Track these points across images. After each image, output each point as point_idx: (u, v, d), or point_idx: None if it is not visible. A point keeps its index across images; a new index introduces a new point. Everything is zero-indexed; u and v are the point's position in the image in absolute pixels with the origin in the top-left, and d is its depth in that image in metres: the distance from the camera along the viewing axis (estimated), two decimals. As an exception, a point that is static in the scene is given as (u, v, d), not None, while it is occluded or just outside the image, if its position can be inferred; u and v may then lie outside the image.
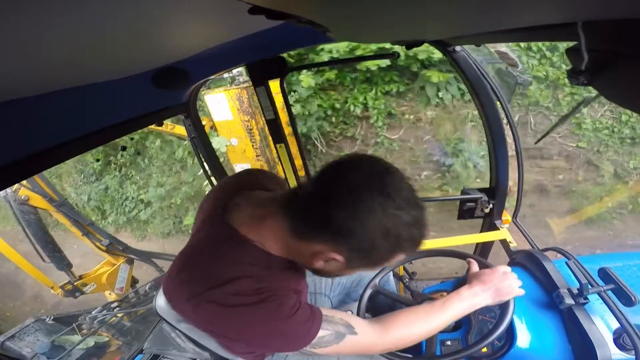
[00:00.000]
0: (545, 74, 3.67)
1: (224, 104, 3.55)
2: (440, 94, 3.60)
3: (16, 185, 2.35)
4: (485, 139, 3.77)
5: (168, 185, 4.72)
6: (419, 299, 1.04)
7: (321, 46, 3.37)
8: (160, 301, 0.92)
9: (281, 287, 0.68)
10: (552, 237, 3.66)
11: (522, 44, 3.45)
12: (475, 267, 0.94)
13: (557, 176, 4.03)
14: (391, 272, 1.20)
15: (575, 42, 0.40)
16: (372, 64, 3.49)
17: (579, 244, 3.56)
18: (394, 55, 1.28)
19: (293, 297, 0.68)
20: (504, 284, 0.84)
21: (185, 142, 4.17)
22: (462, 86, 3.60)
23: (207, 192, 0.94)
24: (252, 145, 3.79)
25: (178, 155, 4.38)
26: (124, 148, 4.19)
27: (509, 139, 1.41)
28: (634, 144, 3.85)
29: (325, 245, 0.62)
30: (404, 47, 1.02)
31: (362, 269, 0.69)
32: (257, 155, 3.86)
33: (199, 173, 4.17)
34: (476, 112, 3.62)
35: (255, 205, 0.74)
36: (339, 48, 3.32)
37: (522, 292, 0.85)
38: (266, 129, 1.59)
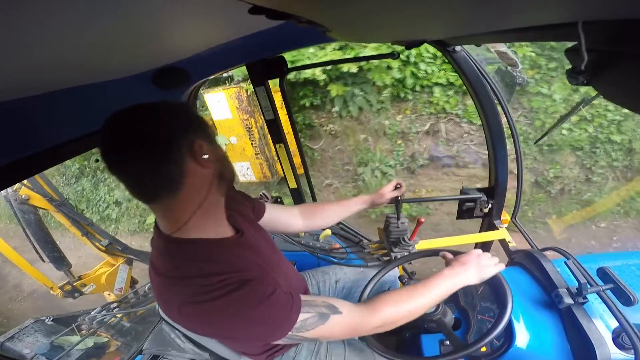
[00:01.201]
0: (447, 80, 3.70)
1: (223, 102, 3.56)
2: (336, 108, 3.80)
3: (17, 185, 2.34)
4: (395, 150, 3.89)
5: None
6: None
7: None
8: None
9: (242, 268, 0.70)
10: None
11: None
12: (450, 256, 0.96)
13: (475, 185, 3.91)
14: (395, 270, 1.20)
15: (575, 42, 0.40)
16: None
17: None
18: (394, 56, 1.28)
19: (264, 281, 0.69)
20: (482, 262, 0.87)
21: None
22: (370, 97, 3.74)
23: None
24: (251, 144, 3.79)
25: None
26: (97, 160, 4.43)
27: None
28: (552, 151, 3.78)
29: (180, 152, 0.64)
30: (404, 47, 1.02)
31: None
32: (256, 154, 3.86)
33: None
34: (388, 122, 3.84)
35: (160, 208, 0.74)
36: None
37: (501, 267, 0.89)
38: (265, 127, 1.60)
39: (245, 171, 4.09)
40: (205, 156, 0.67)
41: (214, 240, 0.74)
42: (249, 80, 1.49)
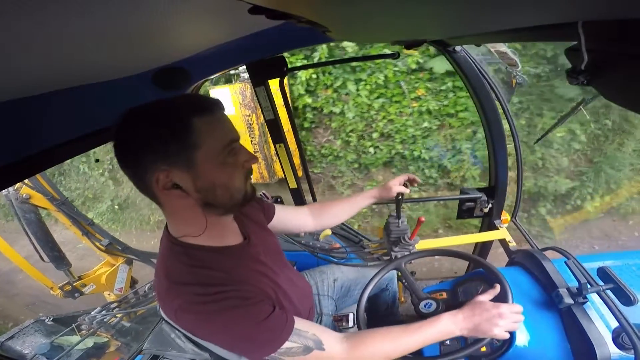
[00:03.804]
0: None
1: (227, 98, 3.56)
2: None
3: (18, 184, 2.34)
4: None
5: (79, 189, 6.00)
6: (421, 296, 1.05)
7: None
8: None
9: (243, 280, 0.71)
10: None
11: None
12: (489, 295, 0.88)
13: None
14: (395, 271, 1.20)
15: (575, 42, 0.40)
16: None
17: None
18: (394, 56, 1.28)
19: (263, 300, 0.70)
20: (489, 323, 0.80)
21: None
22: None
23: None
24: (251, 141, 3.79)
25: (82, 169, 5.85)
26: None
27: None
28: (366, 167, 3.88)
29: (146, 178, 0.63)
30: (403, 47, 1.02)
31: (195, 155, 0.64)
32: (254, 152, 3.86)
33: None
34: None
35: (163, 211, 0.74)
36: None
37: (504, 335, 0.81)
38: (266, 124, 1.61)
39: (242, 172, 4.10)
40: (175, 188, 0.63)
41: (219, 248, 0.74)
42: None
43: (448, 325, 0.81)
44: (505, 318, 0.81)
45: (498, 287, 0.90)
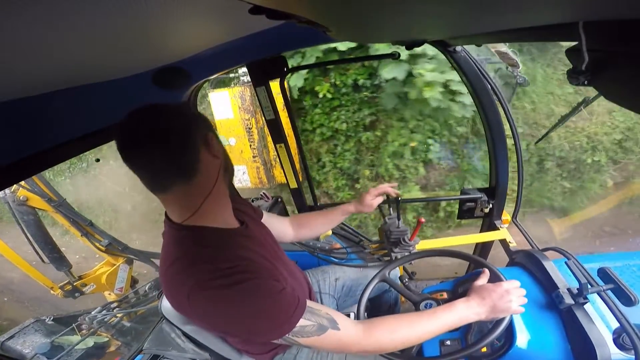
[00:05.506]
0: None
1: (226, 102, 3.56)
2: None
3: (15, 186, 2.34)
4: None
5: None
6: (419, 298, 1.05)
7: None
8: (166, 303, 0.93)
9: (250, 258, 0.72)
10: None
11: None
12: (483, 279, 0.92)
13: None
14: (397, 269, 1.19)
15: (575, 42, 0.40)
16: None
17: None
18: (394, 56, 1.28)
19: (273, 276, 0.71)
20: (502, 301, 0.82)
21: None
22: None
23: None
24: (250, 145, 3.78)
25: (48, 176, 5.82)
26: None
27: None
28: None
29: (195, 142, 0.70)
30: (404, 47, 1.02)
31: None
32: (253, 156, 3.85)
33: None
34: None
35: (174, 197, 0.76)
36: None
37: (521, 310, 0.84)
38: (265, 128, 1.60)
39: (241, 176, 4.05)
40: (215, 148, 0.73)
41: (223, 230, 0.76)
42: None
43: (463, 311, 0.82)
44: (513, 293, 0.83)
45: (487, 271, 0.94)
